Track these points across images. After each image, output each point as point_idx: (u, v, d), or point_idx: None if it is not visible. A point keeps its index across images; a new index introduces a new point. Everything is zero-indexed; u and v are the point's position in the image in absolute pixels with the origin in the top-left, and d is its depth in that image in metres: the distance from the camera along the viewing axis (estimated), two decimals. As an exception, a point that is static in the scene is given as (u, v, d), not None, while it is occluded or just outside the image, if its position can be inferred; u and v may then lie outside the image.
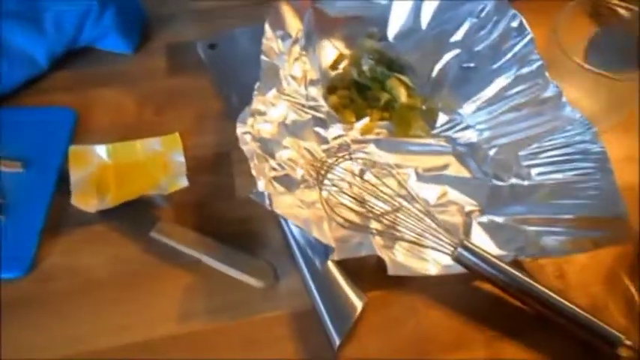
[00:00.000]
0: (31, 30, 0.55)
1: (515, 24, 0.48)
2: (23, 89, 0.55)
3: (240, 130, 0.43)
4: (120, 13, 0.57)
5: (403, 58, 0.56)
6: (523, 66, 0.47)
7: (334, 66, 0.56)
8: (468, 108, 0.50)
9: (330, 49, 0.57)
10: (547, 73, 0.46)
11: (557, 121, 0.45)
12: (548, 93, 0.45)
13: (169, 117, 0.54)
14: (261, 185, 0.41)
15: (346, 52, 0.57)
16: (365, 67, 0.55)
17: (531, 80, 0.47)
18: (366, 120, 0.52)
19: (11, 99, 0.55)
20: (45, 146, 0.51)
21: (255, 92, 0.45)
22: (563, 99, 0.45)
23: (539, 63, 0.46)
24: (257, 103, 0.46)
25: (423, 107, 0.52)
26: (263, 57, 0.47)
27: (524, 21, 0.47)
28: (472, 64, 0.50)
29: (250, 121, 0.44)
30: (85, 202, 0.46)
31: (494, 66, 0.49)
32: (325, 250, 0.42)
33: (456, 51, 0.52)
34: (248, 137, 0.44)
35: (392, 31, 0.58)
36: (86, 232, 0.46)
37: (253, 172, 0.41)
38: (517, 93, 0.47)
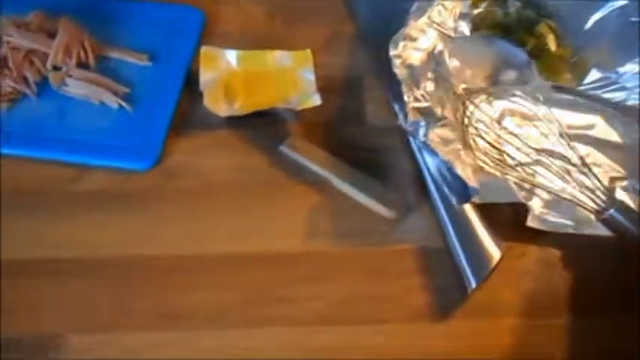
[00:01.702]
0: None
1: None
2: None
3: (392, 52, 0.41)
4: None
5: (552, 3, 0.52)
6: None
7: (476, 3, 0.52)
8: (628, 68, 0.46)
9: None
10: None
11: None
12: None
13: (300, 32, 0.52)
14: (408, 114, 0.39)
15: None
16: (512, 9, 0.51)
17: None
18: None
19: (135, -8, 0.53)
20: (173, 43, 0.50)
21: (410, 15, 0.43)
22: None
23: None
24: (410, 28, 0.43)
25: (573, 59, 0.49)
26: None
27: None
28: (640, 18, 0.46)
29: (402, 44, 0.42)
30: (216, 105, 0.45)
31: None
32: (464, 190, 0.40)
33: (622, 2, 0.48)
34: (398, 61, 0.41)
35: (542, -26, 0.53)
36: (213, 135, 0.45)
37: (405, 98, 0.39)
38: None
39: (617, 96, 0.47)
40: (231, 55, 0.48)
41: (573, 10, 0.51)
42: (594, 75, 0.48)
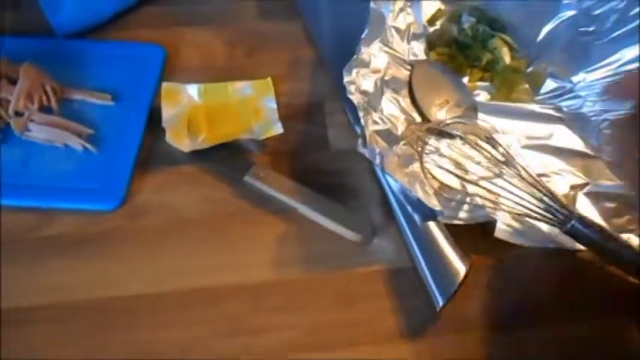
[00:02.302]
0: (123, -40, 0.53)
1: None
2: (111, 23, 0.54)
3: (346, 79, 0.42)
4: (212, -51, 0.55)
5: (505, 17, 0.53)
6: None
7: (432, 21, 0.54)
8: (581, 77, 0.47)
9: (430, 3, 0.54)
10: None
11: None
12: None
13: (260, 60, 0.52)
14: (367, 139, 0.40)
15: (444, 7, 0.54)
16: (466, 25, 0.52)
17: None
18: (465, 79, 0.50)
19: (99, 32, 0.54)
20: (135, 81, 0.50)
21: (362, 41, 0.43)
22: None
23: None
24: (362, 54, 0.44)
25: (529, 70, 0.50)
26: (372, 4, 0.45)
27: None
28: (591, 29, 0.47)
29: (355, 71, 0.43)
30: (179, 140, 0.45)
31: (619, 33, 0.46)
32: (427, 210, 0.40)
33: (571, 13, 0.49)
34: (353, 87, 0.42)
35: (493, -12, 0.54)
36: (178, 171, 0.46)
37: (362, 123, 0.40)
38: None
39: (573, 104, 0.48)
40: (193, 90, 0.49)
41: (526, 22, 0.52)
42: (550, 85, 0.49)
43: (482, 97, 0.49)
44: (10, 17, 0.53)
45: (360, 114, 0.41)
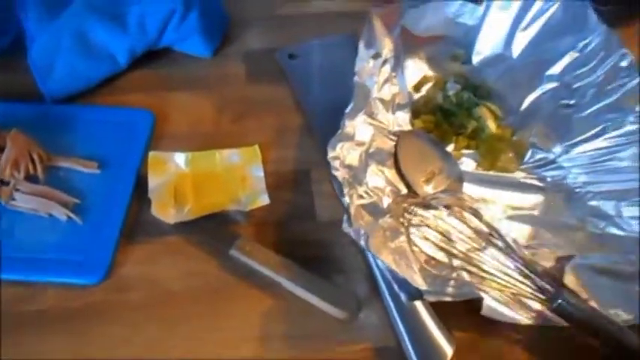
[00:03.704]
0: (114, 28, 0.54)
1: (624, 63, 0.46)
2: (100, 87, 0.55)
3: (330, 154, 0.42)
4: (203, 15, 0.56)
5: (489, 84, 0.54)
6: (634, 114, 0.45)
7: (418, 88, 0.54)
8: (563, 148, 0.48)
9: (415, 70, 0.55)
10: None
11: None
12: None
13: (248, 127, 0.53)
14: (351, 215, 0.40)
15: (430, 73, 0.55)
16: (451, 92, 0.53)
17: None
18: (450, 147, 0.50)
19: (88, 96, 0.54)
20: (123, 148, 0.50)
21: (346, 115, 0.44)
22: None
23: None
24: (346, 127, 0.44)
25: (517, 137, 0.50)
26: (356, 78, 0.45)
27: (635, 61, 0.45)
28: (572, 102, 0.48)
29: (339, 145, 0.43)
30: (165, 212, 0.45)
31: (597, 107, 0.46)
32: (413, 287, 0.40)
33: (553, 85, 0.50)
34: (337, 163, 0.42)
35: (478, 56, 0.56)
36: (163, 242, 0.45)
37: (347, 200, 0.40)
38: (623, 144, 0.45)
39: (557, 175, 0.48)
40: (180, 158, 0.49)
41: (510, 91, 0.53)
42: (534, 154, 0.49)
43: (468, 165, 0.50)
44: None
45: (345, 190, 0.41)
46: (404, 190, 0.46)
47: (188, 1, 0.55)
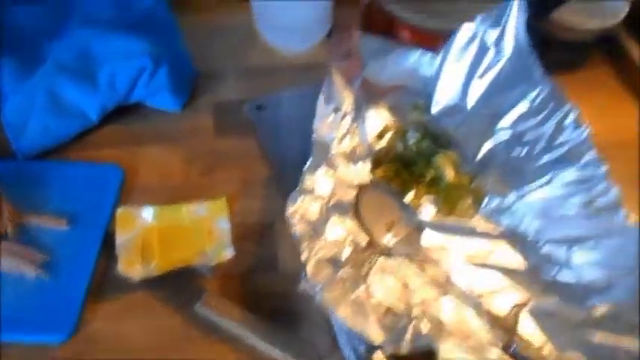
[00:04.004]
0: (85, 86, 0.56)
1: (570, 118, 0.48)
2: (71, 143, 0.56)
3: (290, 210, 0.43)
4: (172, 71, 0.58)
5: (449, 133, 0.56)
6: (581, 163, 0.47)
7: (381, 136, 0.56)
8: (516, 195, 0.50)
9: (376, 120, 0.57)
10: (609, 178, 0.46)
11: (615, 228, 0.44)
12: (608, 198, 0.45)
13: (216, 179, 0.54)
14: (309, 269, 0.41)
15: (391, 122, 0.57)
16: (411, 141, 0.55)
17: (591, 182, 0.46)
18: (411, 195, 0.52)
19: (59, 152, 0.56)
20: (92, 204, 0.51)
21: (305, 171, 0.46)
22: (623, 212, 0.44)
23: (601, 168, 0.46)
24: (306, 182, 0.46)
25: (474, 184, 0.52)
26: (314, 135, 0.47)
27: (581, 115, 0.47)
28: (523, 153, 0.50)
29: (299, 200, 0.45)
30: (131, 268, 0.46)
31: (547, 159, 0.49)
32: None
33: (506, 135, 0.52)
34: (297, 217, 0.44)
35: (436, 106, 0.58)
36: (130, 298, 0.46)
37: (304, 256, 0.42)
38: (571, 193, 0.47)
39: (512, 222, 0.50)
40: (148, 212, 0.50)
41: (467, 140, 0.55)
42: (490, 201, 0.51)
43: (427, 213, 0.51)
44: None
45: (304, 244, 0.42)
46: (365, 241, 0.48)
47: (157, 59, 0.57)
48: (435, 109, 0.58)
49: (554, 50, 0.65)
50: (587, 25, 0.61)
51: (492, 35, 0.53)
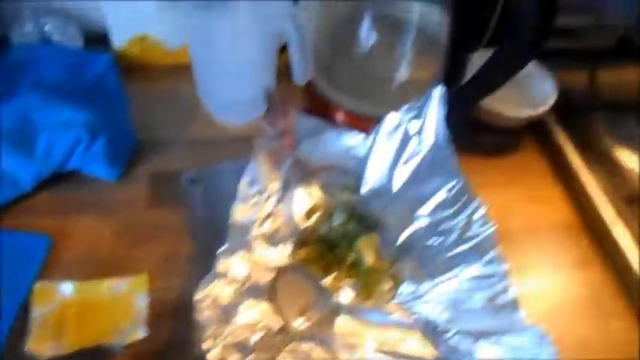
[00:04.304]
0: (22, 153, 0.57)
1: (479, 213, 0.50)
2: (3, 208, 0.57)
3: (199, 295, 0.44)
4: (110, 142, 0.60)
5: (375, 215, 0.58)
6: (485, 260, 0.48)
7: (308, 216, 0.58)
8: (430, 284, 0.51)
9: (305, 199, 0.58)
10: (509, 278, 0.47)
11: (515, 324, 0.46)
12: (508, 296, 0.47)
13: (142, 252, 0.55)
14: (214, 356, 0.41)
15: (320, 202, 0.59)
16: (336, 223, 0.56)
17: (491, 279, 0.48)
18: (331, 278, 0.53)
19: (-9, 218, 0.56)
20: (12, 274, 0.52)
21: (219, 255, 0.47)
22: (521, 313, 0.46)
23: (503, 266, 0.48)
24: (220, 266, 0.47)
25: (393, 270, 0.53)
26: (231, 219, 0.49)
27: (487, 212, 0.49)
28: (437, 243, 0.52)
29: (211, 284, 0.45)
30: (40, 346, 0.47)
31: (457, 251, 0.50)
32: None
33: (425, 223, 0.54)
34: (206, 303, 0.45)
35: (365, 187, 0.60)
36: (36, 377, 0.46)
37: (207, 344, 0.42)
38: (479, 288, 0.48)
39: (424, 310, 0.51)
40: (67, 287, 0.51)
41: (391, 224, 0.56)
42: (406, 288, 0.52)
43: (345, 296, 0.52)
44: None
45: (210, 330, 0.43)
46: (278, 325, 0.48)
47: (94, 130, 0.59)
48: (364, 190, 0.60)
49: (484, 134, 0.68)
50: (516, 113, 0.64)
51: (415, 125, 0.55)
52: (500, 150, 0.68)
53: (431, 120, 0.54)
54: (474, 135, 0.63)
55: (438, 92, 0.53)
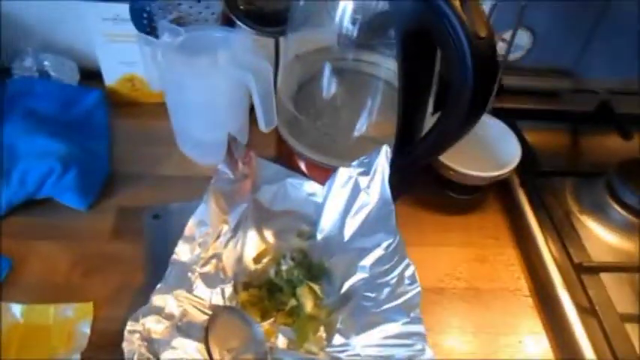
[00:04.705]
0: (-2, 179, 0.62)
1: (408, 272, 0.51)
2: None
3: (129, 327, 0.46)
4: (82, 173, 0.64)
5: (325, 262, 0.59)
6: (408, 319, 0.49)
7: (258, 259, 0.60)
8: (360, 339, 0.51)
9: (257, 242, 0.60)
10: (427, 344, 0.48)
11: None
12: (425, 357, 0.47)
13: (94, 282, 0.58)
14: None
15: (271, 247, 0.61)
16: (283, 267, 0.58)
17: (412, 338, 0.49)
18: (269, 322, 0.55)
19: (-40, 238, 0.60)
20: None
21: (156, 290, 0.49)
22: None
23: (420, 328, 0.48)
24: (156, 301, 0.49)
25: (329, 319, 0.54)
26: (174, 256, 0.51)
27: (416, 273, 0.50)
28: (372, 295, 0.53)
29: (143, 319, 0.47)
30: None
31: (387, 307, 0.51)
32: None
33: (364, 275, 0.55)
34: (136, 336, 0.47)
35: (321, 234, 0.61)
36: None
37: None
38: (398, 345, 0.49)
39: (354, 362, 0.51)
40: (17, 309, 0.54)
41: (337, 273, 0.58)
42: (339, 339, 0.53)
43: (281, 341, 0.54)
44: None
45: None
46: (206, 364, 0.50)
47: (66, 162, 0.63)
48: (320, 237, 0.62)
49: (447, 191, 0.69)
50: (480, 173, 0.65)
51: (364, 181, 0.57)
52: (461, 207, 0.69)
53: (377, 179, 0.56)
54: (436, 191, 0.65)
55: (384, 150, 0.55)
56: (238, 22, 0.65)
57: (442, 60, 0.51)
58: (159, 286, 0.50)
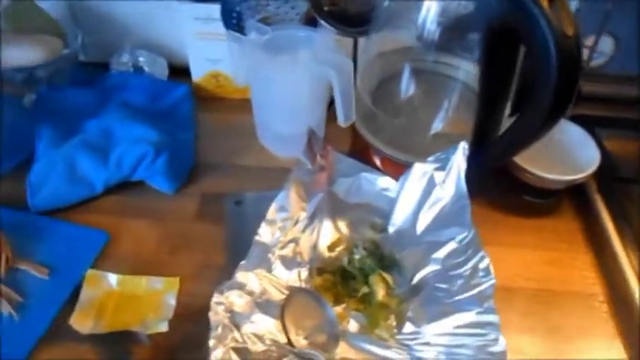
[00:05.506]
0: (98, 162, 0.68)
1: (483, 264, 0.52)
2: (75, 205, 0.67)
3: (215, 299, 0.50)
4: (171, 159, 0.69)
5: (396, 254, 0.61)
6: (482, 309, 0.50)
7: (332, 248, 0.62)
8: (431, 327, 0.53)
9: (332, 231, 0.63)
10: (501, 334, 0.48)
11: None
12: (498, 348, 0.48)
13: (180, 259, 0.62)
14: (216, 355, 0.46)
15: (345, 237, 0.63)
16: (356, 257, 0.60)
17: (486, 328, 0.49)
18: (341, 307, 0.57)
19: (63, 212, 0.66)
20: (73, 260, 0.61)
21: (239, 266, 0.52)
22: None
23: (494, 318, 0.49)
24: (240, 277, 0.52)
25: (400, 308, 0.56)
26: (257, 237, 0.54)
27: (491, 265, 0.51)
28: (445, 286, 0.54)
29: (228, 291, 0.51)
30: (82, 323, 0.54)
31: (460, 297, 0.52)
32: None
33: (436, 267, 0.56)
34: (221, 308, 0.50)
35: (392, 227, 0.63)
36: (74, 349, 0.53)
37: (211, 343, 0.47)
38: (470, 334, 0.50)
39: (424, 350, 0.52)
40: (112, 279, 0.59)
41: (409, 265, 0.59)
42: (409, 327, 0.54)
43: (353, 326, 0.56)
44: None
45: (216, 332, 0.48)
46: (282, 341, 0.53)
47: (159, 148, 0.68)
48: (391, 230, 0.63)
49: (523, 194, 0.69)
50: (556, 176, 0.65)
51: (439, 176, 0.58)
52: (536, 211, 0.69)
53: (453, 174, 0.57)
54: (511, 194, 0.65)
55: (462, 147, 0.56)
56: (322, 22, 0.68)
57: (526, 58, 0.51)
58: (242, 262, 0.53)
